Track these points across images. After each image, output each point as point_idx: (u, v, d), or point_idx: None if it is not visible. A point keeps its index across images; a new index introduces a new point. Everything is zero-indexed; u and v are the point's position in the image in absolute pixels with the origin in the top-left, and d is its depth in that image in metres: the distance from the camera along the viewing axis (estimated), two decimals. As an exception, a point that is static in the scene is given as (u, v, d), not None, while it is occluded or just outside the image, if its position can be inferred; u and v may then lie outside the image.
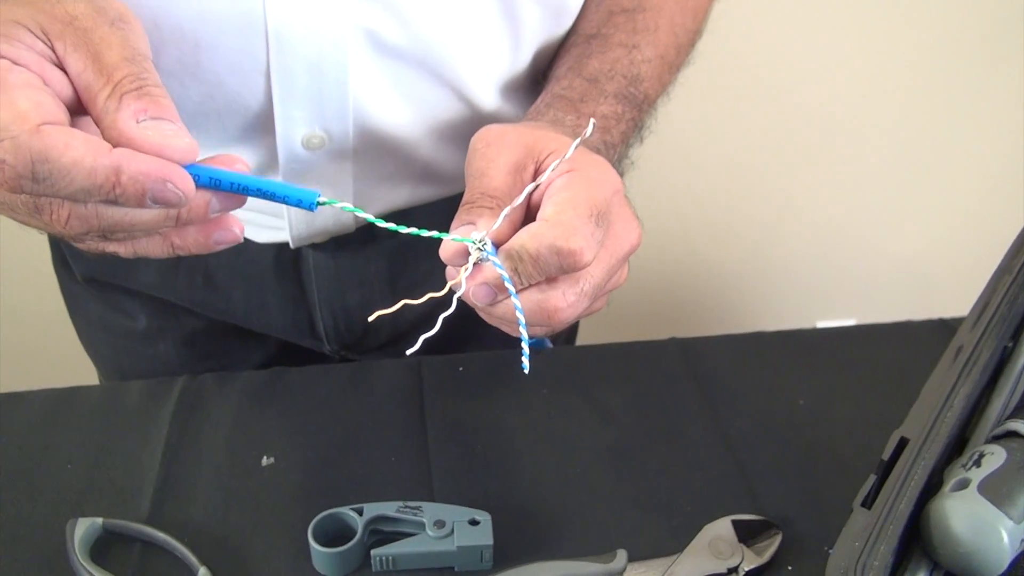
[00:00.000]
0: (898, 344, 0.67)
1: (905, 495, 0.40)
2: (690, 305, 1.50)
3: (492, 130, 0.47)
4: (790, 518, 0.52)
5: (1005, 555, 0.41)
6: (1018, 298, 0.52)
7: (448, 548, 0.49)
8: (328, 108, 0.54)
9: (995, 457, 0.43)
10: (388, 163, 0.60)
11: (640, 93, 0.57)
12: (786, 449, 0.58)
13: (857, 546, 0.38)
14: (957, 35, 1.36)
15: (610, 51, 0.57)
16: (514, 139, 0.45)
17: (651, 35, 0.59)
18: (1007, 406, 0.49)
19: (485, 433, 0.59)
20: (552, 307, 0.42)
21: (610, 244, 0.43)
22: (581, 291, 0.43)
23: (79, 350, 0.79)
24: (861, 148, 1.45)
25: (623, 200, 0.46)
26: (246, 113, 0.54)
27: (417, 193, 0.64)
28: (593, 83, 0.55)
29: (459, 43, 0.55)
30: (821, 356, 0.66)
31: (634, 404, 0.61)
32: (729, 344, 0.68)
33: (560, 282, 0.42)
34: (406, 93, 0.56)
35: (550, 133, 0.47)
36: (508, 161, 0.44)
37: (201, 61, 0.50)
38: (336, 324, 0.70)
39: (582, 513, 0.53)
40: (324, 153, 0.56)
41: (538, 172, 0.45)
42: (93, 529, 0.50)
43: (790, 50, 1.34)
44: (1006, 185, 1.45)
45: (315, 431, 0.59)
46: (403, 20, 0.52)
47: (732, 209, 1.47)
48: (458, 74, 0.56)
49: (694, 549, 0.50)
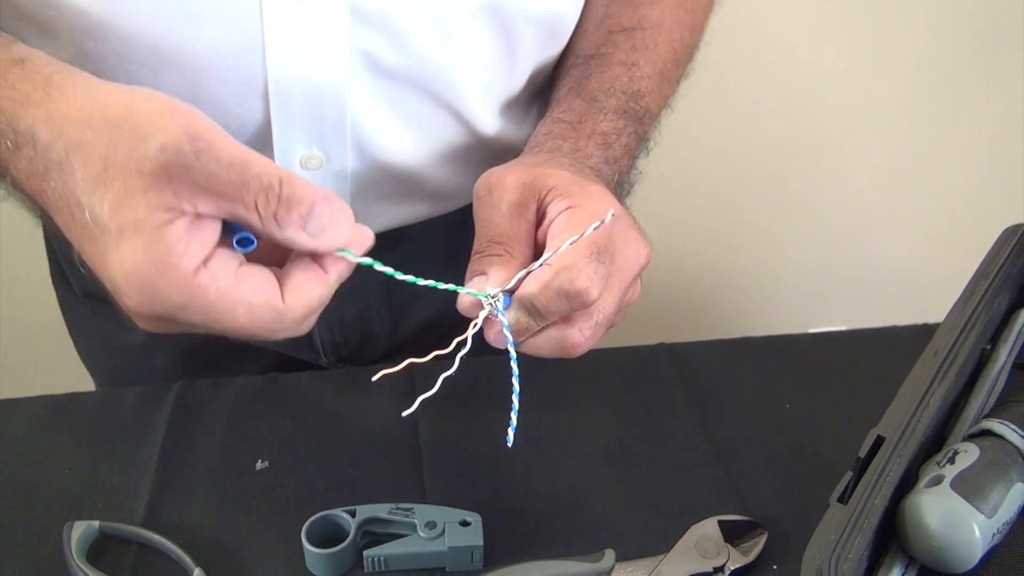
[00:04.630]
0: (884, 349, 0.68)
1: (880, 491, 0.41)
2: (680, 311, 1.51)
3: (492, 175, 0.48)
4: (775, 518, 0.53)
5: (977, 548, 0.42)
6: (996, 301, 0.53)
7: (439, 549, 0.50)
8: (326, 129, 0.54)
9: (968, 455, 0.44)
10: (386, 182, 0.60)
11: (641, 108, 0.57)
12: (772, 452, 0.59)
13: (832, 540, 0.39)
14: (945, 47, 1.37)
15: (609, 70, 0.58)
16: (512, 181, 0.47)
17: (650, 52, 0.59)
18: (984, 406, 0.50)
19: (476, 436, 0.60)
20: (571, 344, 0.45)
21: (617, 271, 0.45)
22: (596, 323, 0.45)
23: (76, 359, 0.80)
24: (852, 156, 1.46)
25: (625, 224, 0.47)
26: (244, 133, 0.54)
27: (414, 211, 0.64)
28: (592, 102, 0.56)
29: (456, 64, 0.55)
30: (808, 361, 0.67)
31: (623, 408, 0.62)
32: (718, 349, 0.68)
33: (575, 319, 0.44)
34: (403, 113, 0.57)
35: (547, 169, 0.48)
36: (510, 204, 0.46)
37: (201, 82, 0.51)
38: (333, 337, 0.70)
39: (571, 514, 0.54)
40: (322, 173, 0.57)
41: (540, 209, 0.46)
42: (90, 532, 0.50)
43: (779, 59, 1.35)
44: (995, 193, 1.46)
45: (309, 435, 0.59)
46: (400, 43, 0.52)
47: (723, 216, 1.48)
48: (455, 94, 0.57)
49: (681, 549, 0.50)
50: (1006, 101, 1.40)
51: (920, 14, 1.33)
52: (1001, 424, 0.47)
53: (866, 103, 1.41)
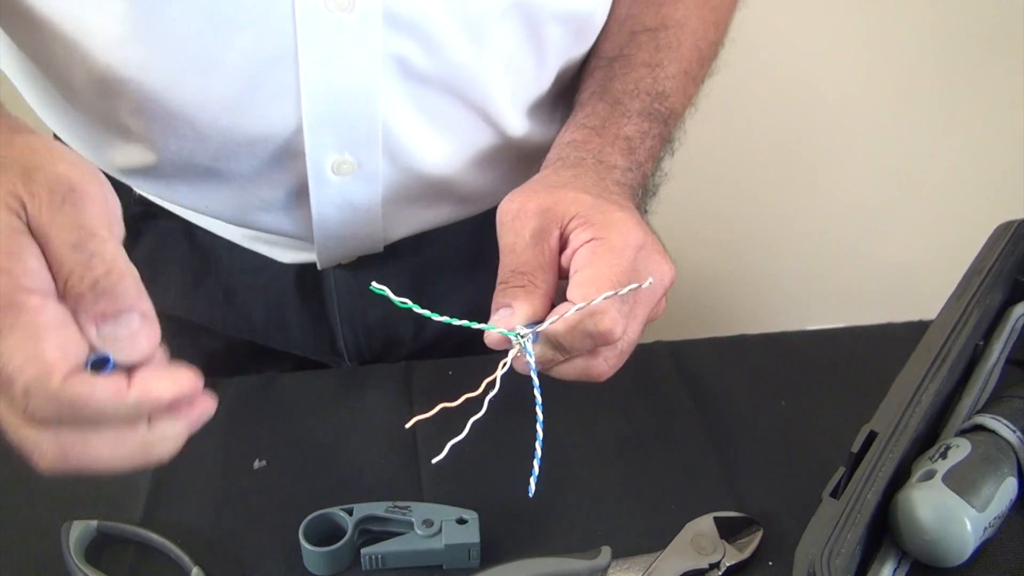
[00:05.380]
0: (879, 345, 0.68)
1: (873, 486, 0.41)
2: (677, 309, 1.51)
3: (515, 200, 0.48)
4: (771, 515, 0.53)
5: (969, 543, 0.42)
6: (989, 297, 0.54)
7: (436, 546, 0.50)
8: (358, 135, 0.54)
9: (960, 449, 0.44)
10: (416, 186, 0.60)
11: (666, 109, 0.57)
12: (768, 448, 0.59)
13: (825, 534, 0.39)
14: (941, 48, 1.37)
15: (633, 71, 0.58)
16: (534, 208, 0.47)
17: (674, 52, 0.59)
18: (977, 402, 0.50)
19: (473, 434, 0.60)
20: (597, 373, 0.47)
21: (642, 299, 0.46)
22: (620, 352, 0.47)
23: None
24: (847, 154, 1.47)
25: (650, 251, 0.47)
26: (276, 140, 0.54)
27: (443, 214, 0.65)
28: (616, 105, 0.56)
29: (486, 66, 0.55)
30: (804, 358, 0.67)
31: (621, 405, 0.62)
32: (715, 347, 0.69)
33: (601, 351, 0.46)
34: (434, 118, 0.57)
35: (569, 193, 0.48)
36: (532, 231, 0.47)
37: (233, 89, 0.51)
38: (357, 341, 0.70)
39: (568, 511, 0.54)
40: (353, 178, 0.57)
41: (563, 236, 0.47)
42: (88, 531, 0.51)
43: (776, 59, 1.35)
44: (988, 190, 1.47)
45: (306, 434, 0.60)
46: (432, 47, 0.52)
47: (721, 216, 1.48)
48: (485, 97, 0.57)
49: (677, 546, 0.50)
50: (1000, 99, 1.40)
51: (916, 13, 1.33)
52: (993, 419, 0.47)
53: (861, 101, 1.41)
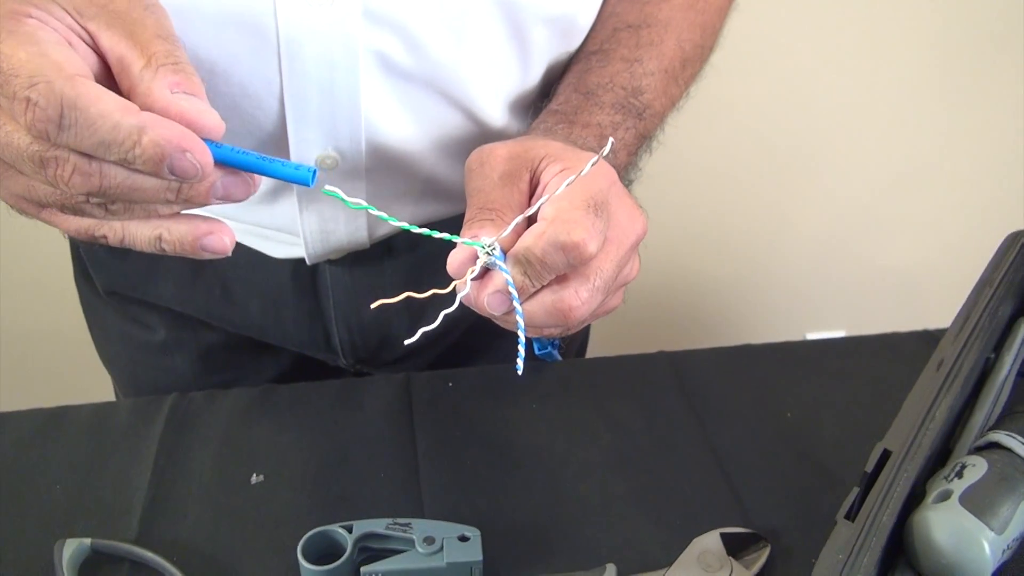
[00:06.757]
0: (884, 355, 0.68)
1: (888, 507, 0.41)
2: (679, 319, 1.51)
3: (484, 149, 0.48)
4: (778, 531, 0.53)
5: (987, 566, 0.41)
6: (999, 310, 0.53)
7: (438, 564, 0.49)
8: (340, 129, 0.55)
9: (976, 468, 0.44)
10: (400, 181, 0.61)
11: (641, 104, 0.57)
12: (774, 461, 0.58)
13: (840, 558, 0.38)
14: (948, 52, 1.37)
15: (610, 65, 0.58)
16: (504, 153, 0.47)
17: (655, 49, 0.59)
18: (989, 417, 0.50)
19: (474, 449, 0.59)
20: (566, 306, 0.43)
21: (615, 235, 0.44)
22: (593, 287, 0.43)
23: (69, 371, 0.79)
24: (851, 162, 1.46)
25: (622, 191, 0.46)
26: (260, 135, 0.55)
27: (429, 210, 0.64)
28: (589, 96, 0.56)
29: (468, 65, 0.56)
30: (808, 368, 0.67)
31: (623, 418, 0.62)
32: (717, 357, 0.68)
33: (571, 281, 0.43)
34: (417, 113, 0.57)
35: (539, 140, 0.48)
36: (502, 174, 0.45)
37: (216, 85, 0.51)
38: (352, 338, 0.70)
39: (571, 528, 0.54)
40: (337, 173, 0.57)
41: (534, 178, 0.46)
42: (81, 550, 0.50)
43: (778, 64, 1.35)
44: (994, 198, 1.47)
45: (304, 448, 0.59)
46: (413, 43, 0.53)
47: (722, 223, 1.48)
48: (468, 94, 0.57)
49: (683, 562, 0.50)
50: (1008, 107, 1.41)
51: (924, 18, 1.33)
52: (1008, 436, 0.46)
53: (867, 109, 1.41)
